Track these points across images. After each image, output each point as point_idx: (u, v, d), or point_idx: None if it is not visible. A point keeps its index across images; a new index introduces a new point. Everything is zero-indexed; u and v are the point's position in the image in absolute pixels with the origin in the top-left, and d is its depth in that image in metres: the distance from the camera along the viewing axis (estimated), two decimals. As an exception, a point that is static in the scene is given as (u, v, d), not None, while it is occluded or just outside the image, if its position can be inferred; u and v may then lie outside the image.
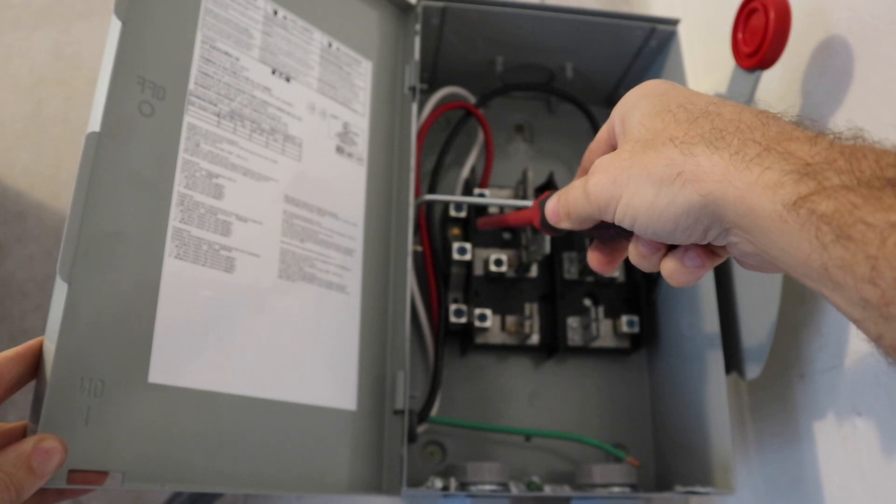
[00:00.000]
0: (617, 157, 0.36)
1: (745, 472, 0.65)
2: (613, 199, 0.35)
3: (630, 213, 0.34)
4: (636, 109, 0.37)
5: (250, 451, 0.48)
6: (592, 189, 0.36)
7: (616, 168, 0.35)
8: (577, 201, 0.38)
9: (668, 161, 0.33)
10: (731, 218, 0.31)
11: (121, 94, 0.46)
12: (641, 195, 0.34)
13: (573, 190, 0.39)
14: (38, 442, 0.37)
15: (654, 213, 0.33)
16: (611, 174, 0.35)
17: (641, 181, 0.34)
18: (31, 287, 0.78)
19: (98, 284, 0.42)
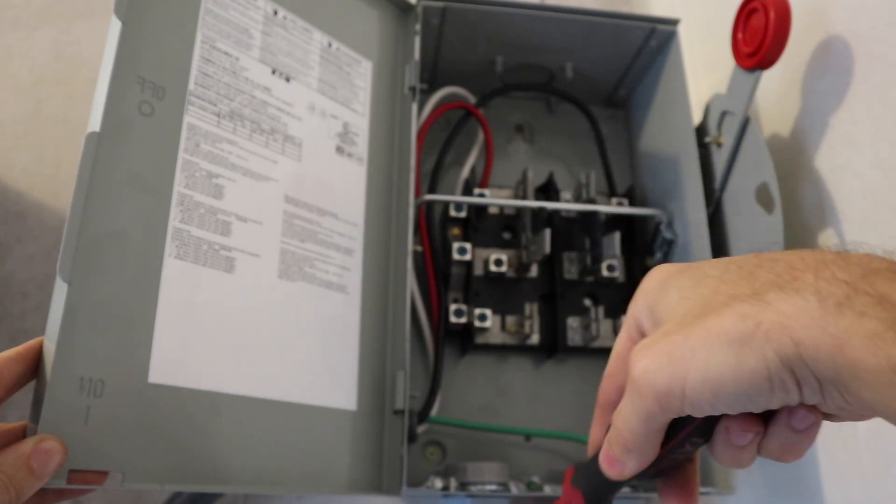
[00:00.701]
0: (661, 334, 0.30)
1: (745, 472, 0.65)
2: (676, 377, 0.28)
3: (709, 388, 0.28)
4: (665, 292, 0.32)
5: (250, 451, 0.48)
6: (642, 377, 0.29)
7: (667, 343, 0.29)
8: (627, 417, 0.31)
9: (739, 315, 0.27)
10: (827, 369, 0.26)
11: (121, 95, 0.46)
12: (719, 361, 0.27)
13: (616, 417, 0.32)
14: (38, 442, 0.37)
15: (742, 378, 0.27)
16: (662, 351, 0.29)
17: (712, 346, 0.27)
18: (31, 287, 0.78)
19: (98, 284, 0.42)
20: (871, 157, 0.52)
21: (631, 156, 0.78)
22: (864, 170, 0.52)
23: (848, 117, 0.54)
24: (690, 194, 0.62)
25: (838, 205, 0.55)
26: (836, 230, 0.55)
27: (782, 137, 0.62)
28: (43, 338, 0.40)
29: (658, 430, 0.31)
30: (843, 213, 0.54)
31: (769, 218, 0.55)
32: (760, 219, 0.57)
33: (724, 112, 0.61)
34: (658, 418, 0.30)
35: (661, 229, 0.64)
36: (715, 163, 0.62)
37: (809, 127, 0.59)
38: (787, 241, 0.54)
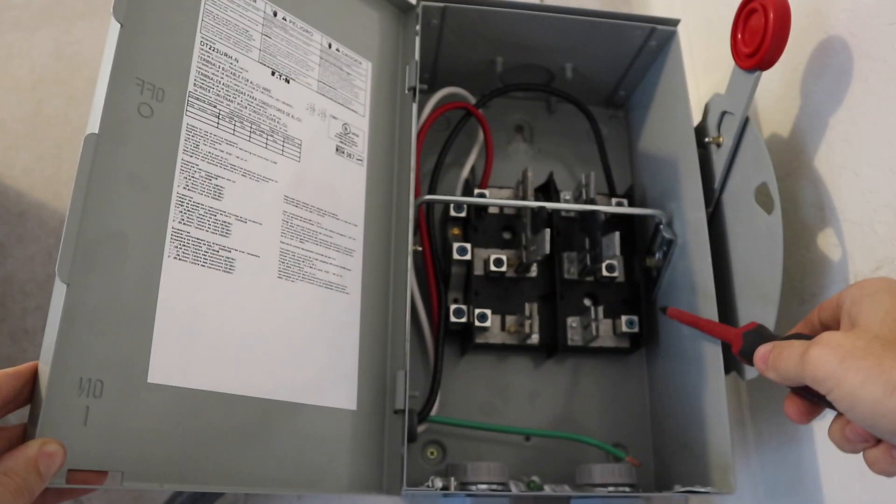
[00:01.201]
0: (851, 341, 0.37)
1: (745, 472, 0.65)
2: (833, 377, 0.36)
3: (850, 401, 0.36)
4: (877, 303, 0.38)
5: (250, 450, 0.48)
6: (813, 359, 0.37)
7: (847, 351, 0.36)
8: (789, 363, 0.40)
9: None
10: None
11: (120, 96, 0.46)
12: (869, 390, 0.35)
13: (791, 349, 0.40)
14: (42, 446, 0.37)
15: (879, 412, 0.34)
16: (839, 354, 0.36)
17: (873, 376, 0.35)
18: (31, 287, 0.78)
19: (97, 285, 0.43)
20: (870, 157, 0.52)
21: (631, 156, 0.78)
22: (864, 170, 0.52)
23: (847, 117, 0.54)
24: (690, 194, 0.62)
25: (838, 205, 0.55)
26: (836, 230, 0.55)
27: (782, 137, 0.62)
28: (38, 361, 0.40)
29: (799, 384, 0.40)
30: (843, 213, 0.54)
31: (769, 218, 0.55)
32: (760, 219, 0.57)
33: (724, 112, 0.61)
34: (802, 383, 0.39)
35: (661, 229, 0.64)
36: (714, 163, 0.62)
37: (809, 127, 0.59)
38: (786, 241, 0.54)
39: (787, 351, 0.40)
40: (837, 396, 0.36)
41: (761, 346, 0.43)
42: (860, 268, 0.52)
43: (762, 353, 0.43)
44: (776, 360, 0.41)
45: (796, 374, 0.39)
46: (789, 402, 0.43)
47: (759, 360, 0.43)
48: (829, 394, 0.37)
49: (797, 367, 0.39)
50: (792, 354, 0.40)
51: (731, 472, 0.55)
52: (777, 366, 0.41)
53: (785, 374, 0.40)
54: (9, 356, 0.73)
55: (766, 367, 0.42)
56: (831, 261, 0.55)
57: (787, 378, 0.41)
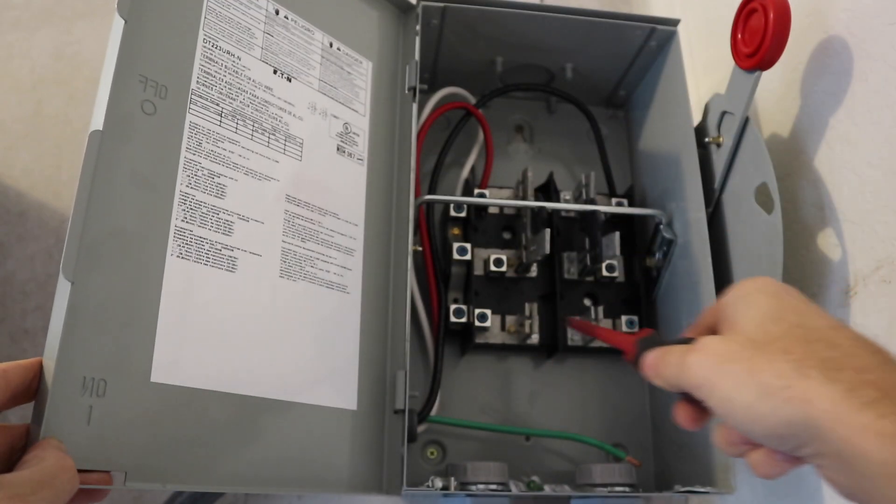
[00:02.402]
0: (725, 344, 0.37)
1: (745, 472, 0.65)
2: (710, 383, 0.36)
3: (725, 407, 0.35)
4: (751, 305, 0.38)
5: (251, 450, 0.48)
6: (691, 367, 0.37)
7: (721, 356, 0.36)
8: (671, 369, 0.39)
9: (777, 372, 0.33)
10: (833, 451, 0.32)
11: (123, 93, 0.46)
12: (742, 394, 0.34)
13: (671, 354, 0.40)
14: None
15: (750, 416, 0.34)
16: (714, 359, 0.36)
17: (745, 380, 0.34)
18: (32, 287, 0.78)
19: (100, 283, 0.43)
20: (870, 157, 0.52)
21: (631, 156, 0.78)
22: (864, 170, 0.52)
23: (847, 117, 0.54)
24: (690, 194, 0.62)
25: (838, 205, 0.55)
26: (836, 230, 0.55)
27: (782, 137, 0.62)
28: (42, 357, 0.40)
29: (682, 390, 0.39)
30: (843, 213, 0.54)
31: (769, 218, 0.56)
32: (760, 219, 0.57)
33: (724, 112, 0.61)
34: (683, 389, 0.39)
35: (661, 229, 0.64)
36: (714, 163, 0.62)
37: (809, 127, 0.59)
38: (786, 241, 0.54)
39: (668, 356, 0.40)
40: (714, 402, 0.36)
41: (648, 353, 0.42)
42: (860, 268, 0.52)
43: (649, 360, 0.42)
44: (661, 366, 0.40)
45: (677, 380, 0.39)
46: (679, 408, 0.42)
47: (647, 367, 0.42)
48: (707, 400, 0.36)
49: (677, 373, 0.38)
50: (672, 360, 0.39)
51: (731, 472, 0.55)
52: (661, 373, 0.40)
53: (668, 380, 0.40)
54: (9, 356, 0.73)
55: (653, 375, 0.41)
56: (831, 261, 0.55)
57: (670, 385, 0.40)
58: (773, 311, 0.37)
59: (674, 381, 0.39)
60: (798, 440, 0.33)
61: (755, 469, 0.37)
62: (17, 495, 0.33)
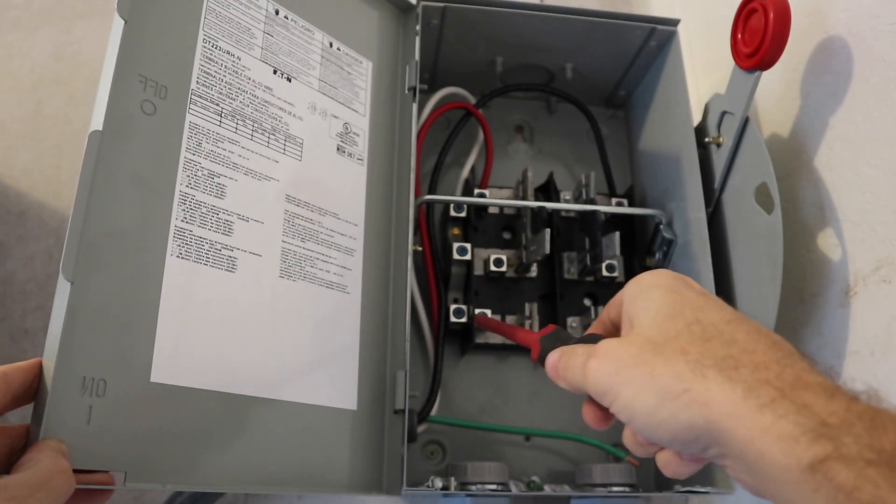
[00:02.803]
0: (624, 348, 0.36)
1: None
2: (612, 390, 0.35)
3: (628, 413, 0.35)
4: (649, 301, 0.37)
5: (251, 450, 0.48)
6: (592, 373, 0.36)
7: (620, 361, 0.35)
8: (574, 373, 0.38)
9: (676, 374, 0.33)
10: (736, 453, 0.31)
11: (123, 93, 0.46)
12: (643, 400, 0.34)
13: (575, 357, 0.38)
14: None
15: (652, 421, 0.33)
16: (613, 365, 0.35)
17: (645, 385, 0.34)
18: (31, 287, 0.78)
19: (100, 284, 0.43)
20: (870, 157, 0.52)
21: (631, 156, 0.78)
22: (864, 170, 0.52)
23: (847, 117, 0.54)
24: (690, 194, 0.62)
25: (837, 205, 0.55)
26: (836, 230, 0.55)
27: (782, 137, 0.62)
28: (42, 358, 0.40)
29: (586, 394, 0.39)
30: (843, 213, 0.54)
31: (768, 218, 0.56)
32: (760, 219, 0.57)
33: (724, 112, 0.61)
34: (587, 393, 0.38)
35: (661, 229, 0.64)
36: (714, 163, 0.62)
37: (809, 127, 0.59)
38: (786, 241, 0.54)
39: (572, 360, 0.39)
40: (618, 409, 0.35)
41: (551, 353, 0.41)
42: (860, 268, 0.52)
43: (552, 360, 0.41)
44: (563, 369, 0.39)
45: (580, 385, 0.38)
46: (586, 408, 0.41)
47: (550, 368, 0.41)
48: (611, 408, 0.36)
49: (580, 379, 0.37)
50: (575, 364, 0.38)
51: (732, 472, 0.55)
52: (565, 376, 0.39)
53: (572, 384, 0.39)
54: (9, 356, 0.73)
55: (556, 377, 0.40)
56: (831, 261, 0.55)
57: (575, 389, 0.39)
58: (670, 307, 0.36)
59: (577, 386, 0.38)
60: (701, 443, 0.32)
61: (664, 469, 0.36)
62: (13, 497, 0.33)
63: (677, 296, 0.37)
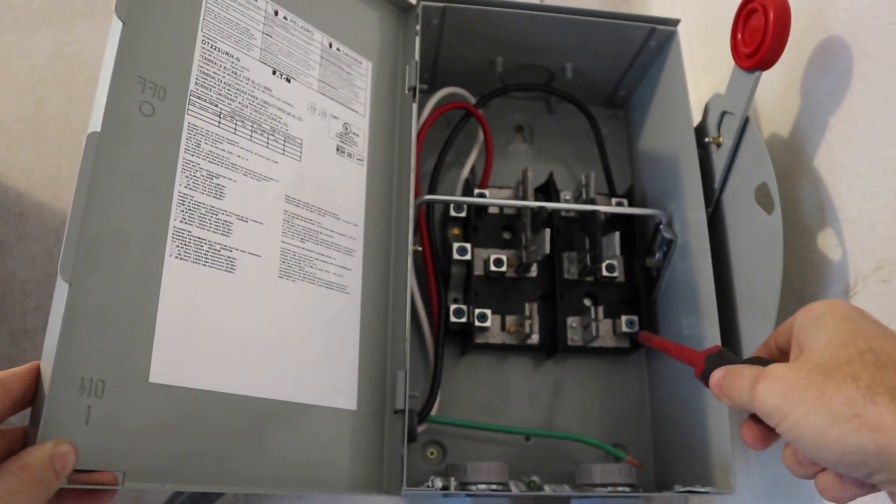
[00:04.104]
0: (794, 372, 0.37)
1: (745, 472, 0.65)
2: (780, 411, 0.36)
3: (795, 433, 0.36)
4: (821, 328, 0.38)
5: (250, 450, 0.48)
6: (760, 395, 0.38)
7: (789, 384, 0.36)
8: (741, 394, 0.40)
9: (847, 399, 0.34)
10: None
11: (121, 95, 0.46)
12: (812, 422, 0.35)
13: (742, 378, 0.40)
14: (56, 445, 0.38)
15: (820, 443, 0.34)
16: (783, 388, 0.36)
17: (815, 408, 0.35)
18: (31, 287, 0.78)
19: (99, 284, 0.43)
20: (870, 157, 0.52)
21: (631, 156, 0.78)
22: (864, 170, 0.52)
23: (847, 117, 0.54)
24: (690, 194, 0.62)
25: (838, 205, 0.55)
26: (836, 230, 0.55)
27: (782, 137, 0.62)
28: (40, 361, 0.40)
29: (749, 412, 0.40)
30: (843, 213, 0.54)
31: (768, 218, 0.56)
32: (760, 219, 0.57)
33: (724, 112, 0.61)
34: (754, 413, 0.39)
35: (661, 229, 0.64)
36: (714, 163, 0.62)
37: (809, 127, 0.59)
38: (786, 241, 0.54)
39: (738, 380, 0.40)
40: (784, 429, 0.36)
41: (716, 371, 0.43)
42: (860, 268, 0.52)
43: (716, 378, 0.43)
44: (729, 388, 0.41)
45: (747, 405, 0.39)
46: (746, 427, 0.43)
47: (714, 385, 0.43)
48: (777, 427, 0.37)
49: (747, 399, 0.39)
50: (742, 384, 0.39)
51: (731, 472, 0.55)
52: (730, 394, 0.41)
53: (738, 403, 0.40)
54: (9, 356, 0.73)
55: (721, 394, 0.42)
56: (831, 261, 0.55)
57: (739, 407, 0.41)
58: (843, 335, 0.37)
59: (743, 405, 0.40)
60: (869, 468, 0.33)
61: (823, 492, 0.38)
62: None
63: (851, 324, 0.37)
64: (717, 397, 0.43)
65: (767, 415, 0.37)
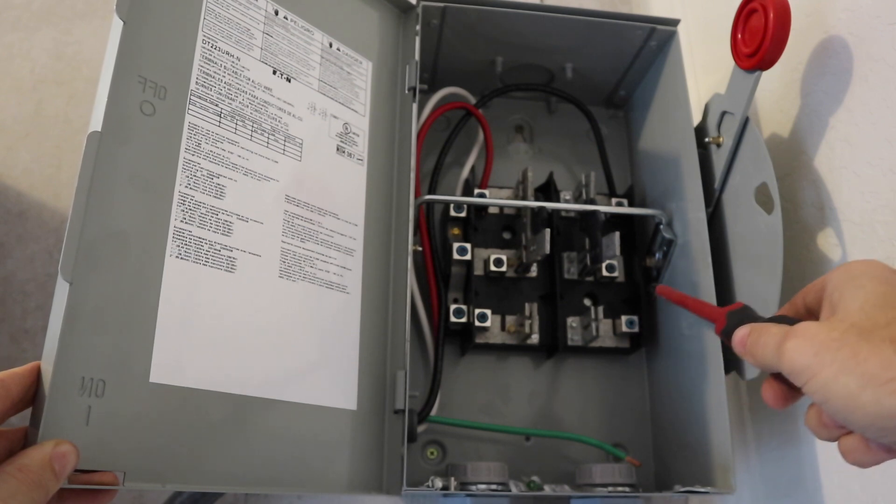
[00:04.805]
0: (826, 331, 0.36)
1: (745, 472, 0.65)
2: (809, 370, 0.35)
3: (824, 394, 0.35)
4: (858, 289, 0.37)
5: (250, 451, 0.48)
6: (789, 352, 0.37)
7: (822, 343, 0.35)
8: (766, 351, 0.39)
9: (884, 362, 0.33)
10: None
11: (122, 94, 0.46)
12: (843, 383, 0.34)
13: (768, 335, 0.39)
14: (56, 446, 0.37)
15: (851, 405, 0.34)
16: (814, 346, 0.35)
17: (847, 368, 0.34)
18: (31, 287, 0.78)
19: (99, 284, 0.43)
20: (870, 157, 0.52)
21: (631, 156, 0.78)
22: (864, 170, 0.52)
23: (847, 117, 0.54)
24: (690, 194, 0.62)
25: (838, 205, 0.55)
26: (836, 230, 0.55)
27: (782, 137, 0.62)
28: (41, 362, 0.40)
29: (775, 371, 0.39)
30: (843, 213, 0.54)
31: (768, 218, 0.56)
32: (760, 219, 0.57)
33: (724, 112, 0.61)
34: (778, 371, 0.38)
35: (661, 229, 0.64)
36: (714, 163, 0.62)
37: (809, 127, 0.59)
38: (786, 241, 0.54)
39: (765, 338, 0.39)
40: (812, 389, 0.35)
41: (740, 328, 0.42)
42: (860, 267, 0.52)
43: (740, 335, 0.42)
44: (753, 345, 0.40)
45: (773, 363, 0.38)
46: (767, 386, 0.42)
47: (738, 342, 0.42)
48: (805, 386, 0.36)
49: (774, 357, 0.38)
50: (769, 342, 0.39)
51: (731, 472, 0.55)
52: (754, 352, 0.40)
53: (762, 361, 0.39)
54: (9, 356, 0.73)
55: (744, 351, 0.41)
56: (831, 261, 0.55)
57: (763, 365, 0.40)
58: (881, 297, 0.36)
59: (769, 363, 0.39)
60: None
61: (846, 455, 0.37)
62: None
63: (890, 287, 0.36)
64: (740, 355, 0.42)
65: (795, 373, 0.36)
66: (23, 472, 0.36)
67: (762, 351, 0.39)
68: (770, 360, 0.38)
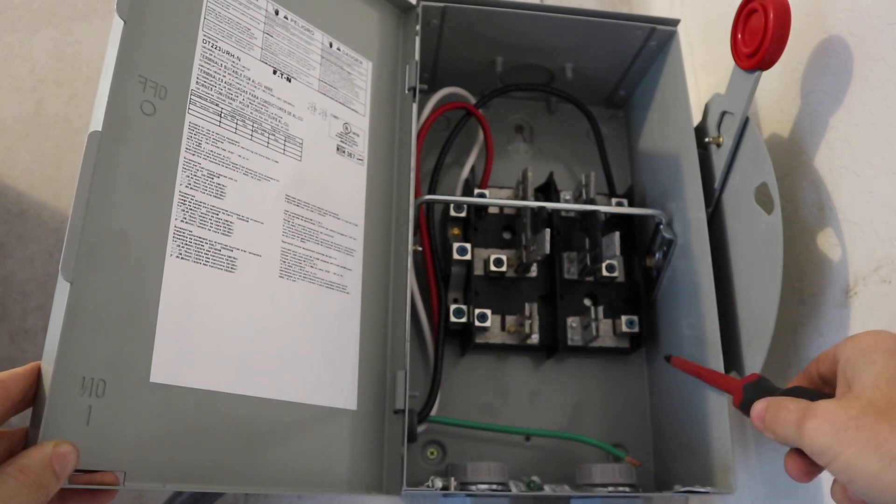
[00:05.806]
0: (844, 410, 0.36)
1: (745, 472, 0.65)
2: (830, 451, 0.36)
3: (848, 474, 0.35)
4: (870, 364, 0.37)
5: (251, 450, 0.48)
6: (809, 432, 0.37)
7: (841, 423, 0.36)
8: (787, 429, 0.39)
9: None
10: None
11: (122, 94, 0.46)
12: (865, 463, 0.34)
13: (787, 412, 0.39)
14: (56, 446, 0.37)
15: (876, 486, 0.34)
16: (833, 426, 0.36)
17: (869, 449, 0.34)
18: (32, 287, 0.78)
19: (100, 284, 0.43)
20: (870, 157, 0.52)
21: (631, 156, 0.78)
22: (864, 170, 0.52)
23: (847, 117, 0.54)
24: (690, 194, 0.62)
25: (838, 205, 0.55)
26: (836, 230, 0.55)
27: (782, 137, 0.62)
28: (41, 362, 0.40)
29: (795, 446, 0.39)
30: (843, 213, 0.54)
31: (768, 218, 0.56)
32: (760, 219, 0.57)
33: (724, 112, 0.61)
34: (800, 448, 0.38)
35: (661, 229, 0.64)
36: (714, 163, 0.62)
37: (809, 127, 0.59)
38: (786, 241, 0.54)
39: (783, 414, 0.39)
40: (835, 469, 0.36)
41: (757, 403, 0.42)
42: (860, 268, 0.52)
43: (758, 410, 0.42)
44: (772, 422, 0.40)
45: (794, 441, 0.39)
46: (790, 461, 0.42)
47: (756, 418, 0.42)
48: (828, 466, 0.36)
49: (795, 435, 0.38)
50: (788, 419, 0.39)
51: (731, 472, 0.55)
52: (774, 428, 0.40)
53: (783, 437, 0.40)
54: (9, 356, 0.73)
55: (763, 427, 0.41)
56: (831, 261, 0.55)
57: (784, 441, 0.40)
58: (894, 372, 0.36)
59: (789, 441, 0.39)
60: None
61: None
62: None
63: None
64: (759, 430, 0.42)
65: (817, 454, 0.37)
66: (23, 473, 0.36)
67: (783, 428, 0.39)
68: (791, 439, 0.39)
